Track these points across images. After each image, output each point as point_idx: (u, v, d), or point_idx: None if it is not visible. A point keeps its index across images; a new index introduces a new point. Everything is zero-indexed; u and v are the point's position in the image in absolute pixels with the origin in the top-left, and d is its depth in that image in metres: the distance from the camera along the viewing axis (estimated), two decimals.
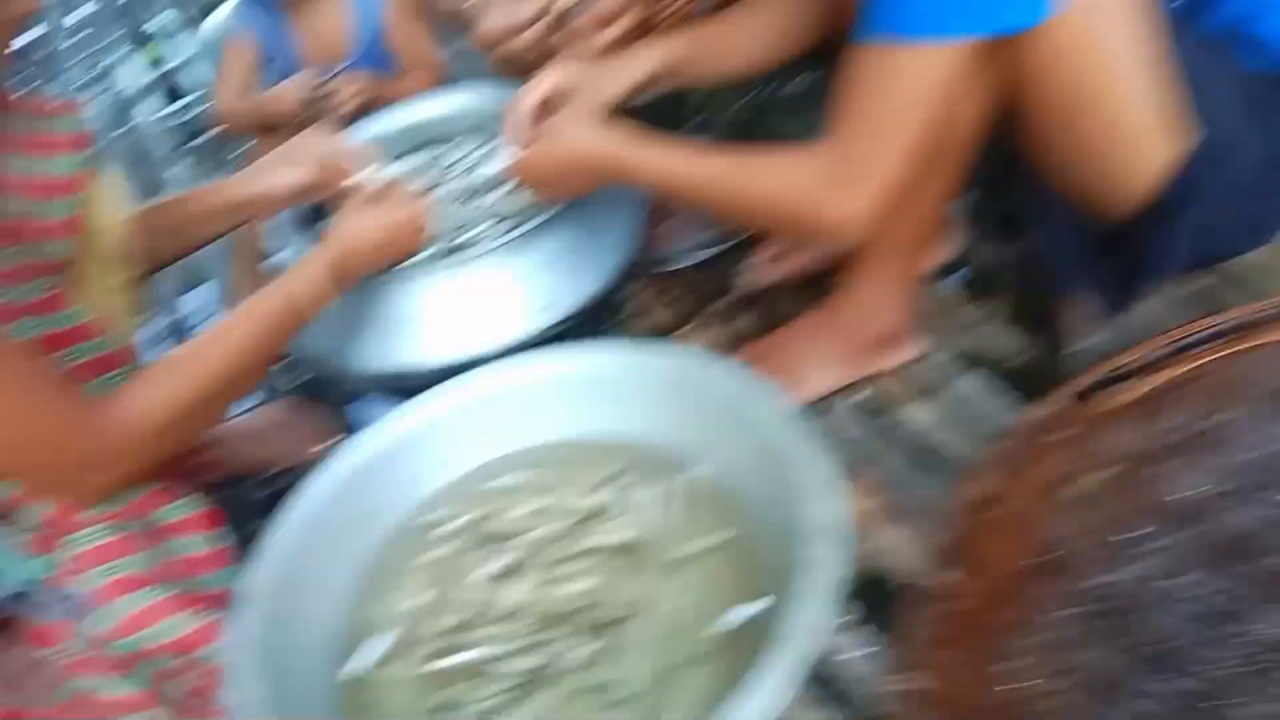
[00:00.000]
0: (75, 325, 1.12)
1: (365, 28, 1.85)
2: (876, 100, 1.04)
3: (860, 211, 1.07)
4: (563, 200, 1.38)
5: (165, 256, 1.38)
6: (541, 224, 1.40)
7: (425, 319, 1.39)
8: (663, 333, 1.63)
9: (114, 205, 1.22)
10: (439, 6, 1.88)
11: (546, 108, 1.36)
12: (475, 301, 1.39)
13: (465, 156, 1.68)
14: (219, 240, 1.47)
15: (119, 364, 1.17)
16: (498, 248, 1.39)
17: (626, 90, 1.40)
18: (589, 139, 1.26)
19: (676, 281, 1.69)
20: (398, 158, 1.68)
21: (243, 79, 1.87)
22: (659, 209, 1.60)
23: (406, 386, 1.24)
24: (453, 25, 1.89)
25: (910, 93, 1.02)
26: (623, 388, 1.15)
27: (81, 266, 1.17)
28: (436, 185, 1.61)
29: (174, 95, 2.89)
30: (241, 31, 1.85)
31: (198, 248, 1.52)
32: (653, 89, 1.45)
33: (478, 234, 1.49)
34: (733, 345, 1.56)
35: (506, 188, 1.53)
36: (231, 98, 1.87)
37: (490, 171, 1.60)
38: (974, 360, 1.43)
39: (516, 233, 1.39)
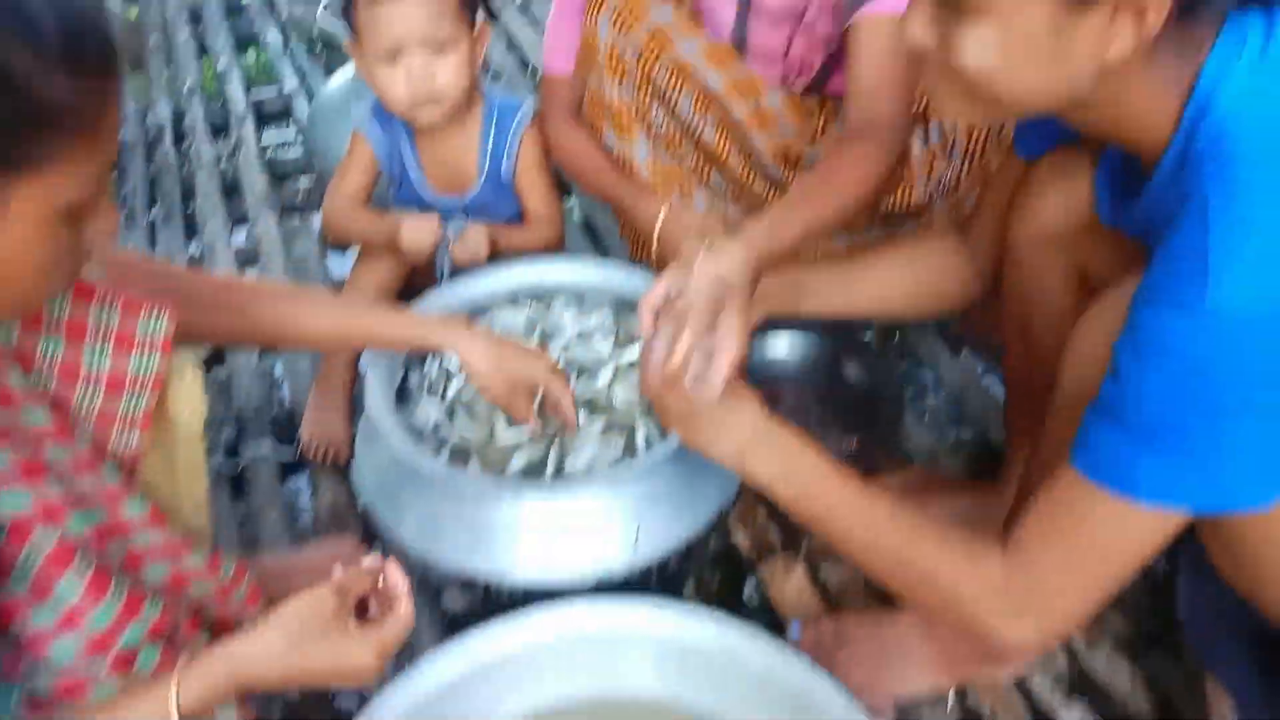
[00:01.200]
0: (140, 515, 1.06)
1: (493, 164, 1.76)
2: (1076, 541, 0.95)
3: (1036, 642, 0.98)
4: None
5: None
6: (651, 456, 1.32)
7: (517, 530, 1.31)
8: (742, 564, 1.54)
9: (189, 399, 1.17)
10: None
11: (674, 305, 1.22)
12: (570, 523, 1.31)
13: (574, 324, 1.61)
14: None
15: (184, 552, 1.11)
16: (602, 472, 1.32)
17: (763, 311, 1.34)
18: (748, 438, 1.13)
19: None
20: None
21: (362, 183, 1.78)
22: None
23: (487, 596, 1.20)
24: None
25: (1116, 546, 0.93)
26: (688, 658, 1.15)
27: (151, 457, 1.13)
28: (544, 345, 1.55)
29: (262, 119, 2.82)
30: (369, 132, 1.76)
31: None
32: (769, 308, 1.37)
33: (584, 436, 1.43)
34: (821, 601, 1.47)
35: (613, 372, 1.49)
36: (345, 199, 1.77)
37: (603, 350, 1.55)
38: (1079, 688, 1.33)
39: (624, 466, 1.31)
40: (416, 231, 1.67)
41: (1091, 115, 1.00)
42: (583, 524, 1.31)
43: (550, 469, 1.39)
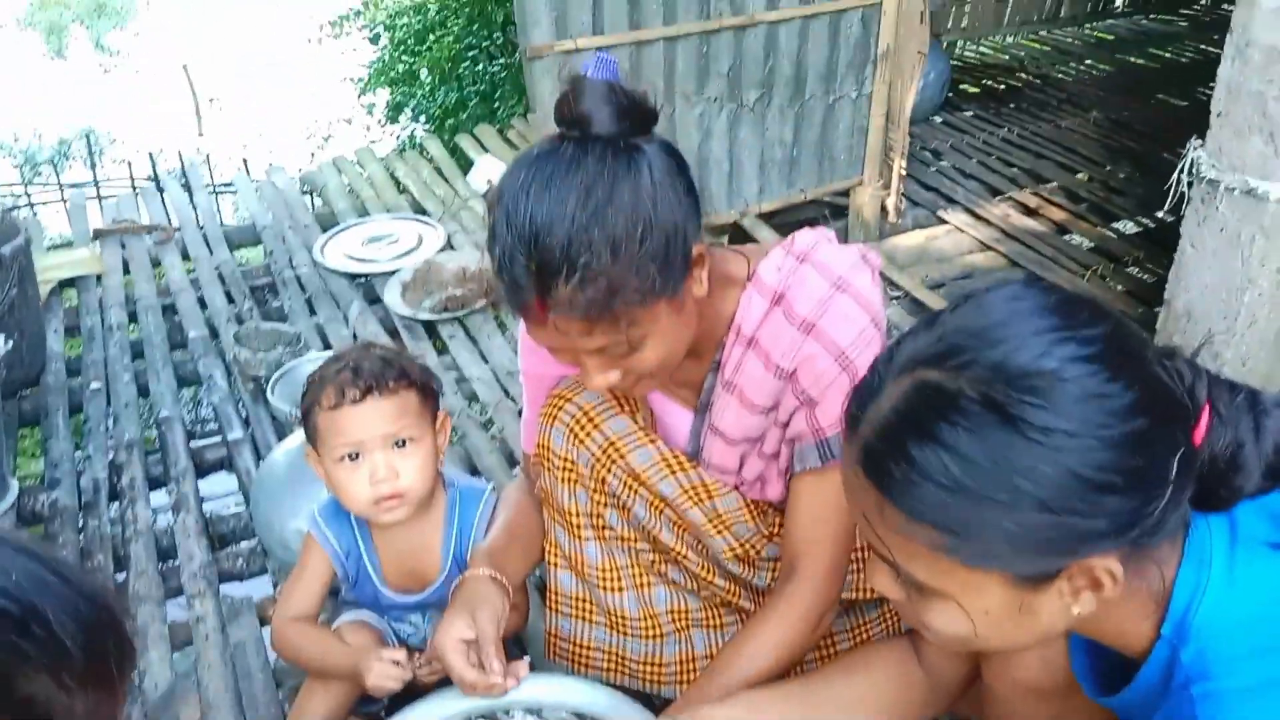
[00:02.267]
0: None
1: (457, 555, 1.72)
2: None
3: None
4: None
5: None
6: None
7: None
8: None
9: None
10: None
11: None
12: None
13: None
14: None
15: None
16: None
17: None
18: None
19: None
20: None
21: (317, 595, 1.70)
22: None
23: None
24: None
25: None
26: None
27: None
28: None
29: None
30: (323, 536, 1.71)
31: None
32: None
33: None
34: None
35: None
36: (298, 616, 1.67)
37: None
38: None
39: None
40: (384, 675, 1.56)
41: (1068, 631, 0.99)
42: None
43: None
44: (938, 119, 5.16)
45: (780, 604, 1.50)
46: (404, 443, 1.61)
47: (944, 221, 4.02)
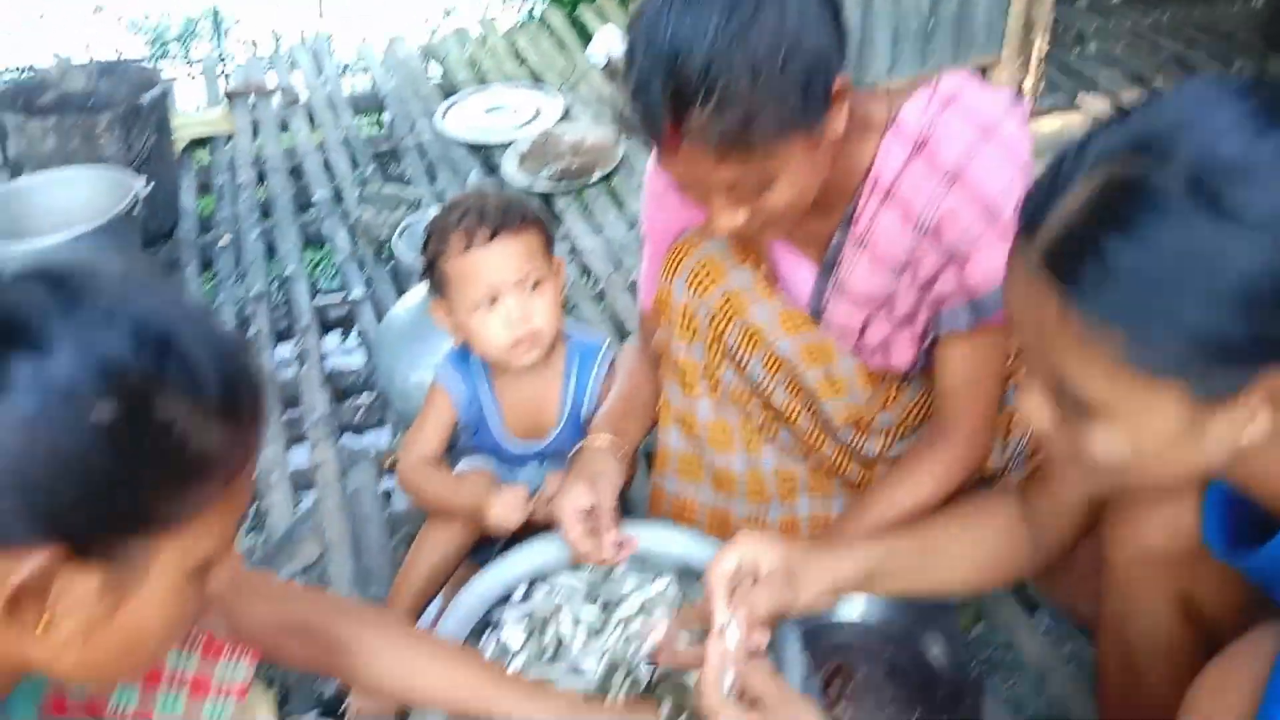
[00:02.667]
0: None
1: (573, 408, 1.74)
2: None
3: None
4: None
5: None
6: None
7: None
8: None
9: None
10: None
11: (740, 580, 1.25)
12: None
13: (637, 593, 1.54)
14: None
15: None
16: None
17: (824, 592, 1.29)
18: None
19: None
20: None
21: (440, 439, 1.75)
22: None
23: None
24: None
25: None
26: None
27: None
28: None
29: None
30: (449, 382, 1.74)
31: None
32: (842, 592, 1.32)
33: None
34: None
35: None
36: (422, 459, 1.72)
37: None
38: None
39: None
40: (507, 509, 1.60)
41: (1214, 475, 0.94)
42: None
43: None
44: (1082, 1, 4.86)
45: (924, 463, 1.48)
46: (536, 284, 1.63)
47: (1081, 108, 3.81)
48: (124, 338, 0.76)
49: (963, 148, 1.34)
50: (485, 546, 1.81)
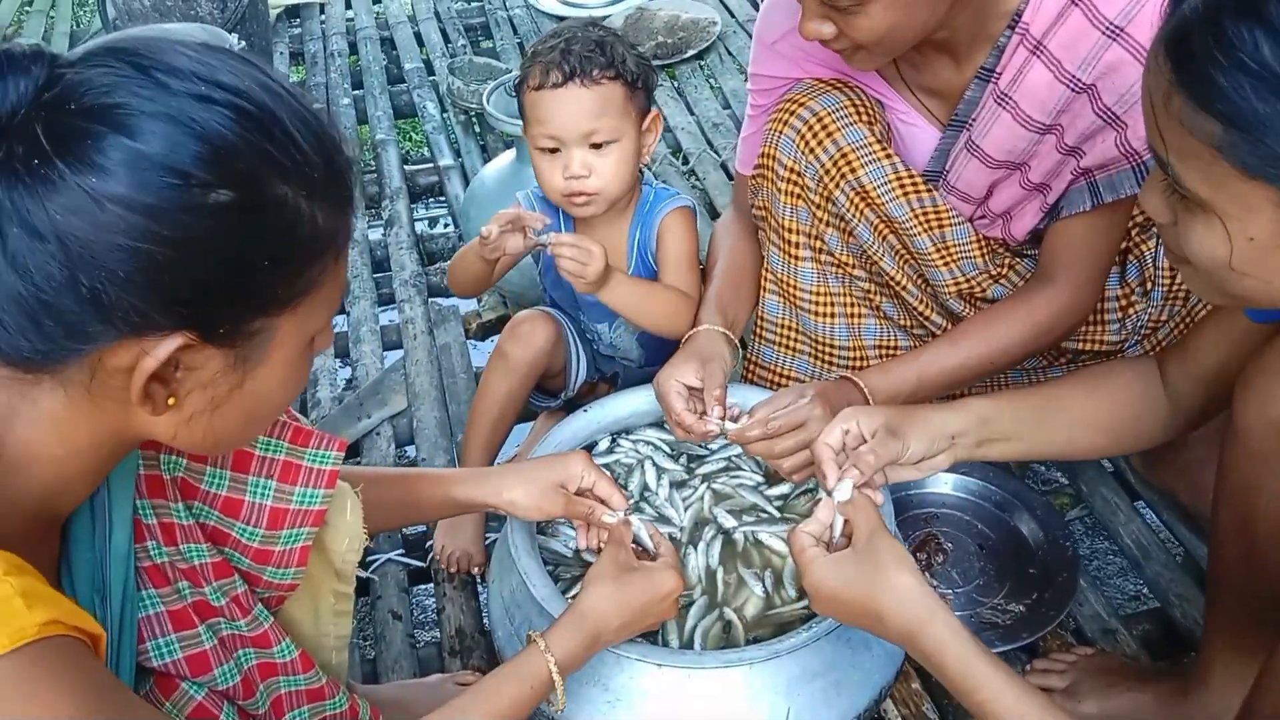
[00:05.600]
0: (287, 660, 1.05)
1: (640, 255, 1.70)
2: None
3: None
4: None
5: (377, 527, 1.26)
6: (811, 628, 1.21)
7: (656, 699, 1.22)
8: None
9: (349, 533, 1.12)
10: None
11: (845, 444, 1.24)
12: (712, 699, 1.22)
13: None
14: None
15: (326, 696, 1.09)
16: (754, 646, 1.22)
17: (934, 440, 1.25)
18: (911, 615, 1.05)
19: None
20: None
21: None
22: None
23: None
24: None
25: None
26: None
27: (303, 590, 1.08)
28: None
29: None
30: (529, 206, 1.71)
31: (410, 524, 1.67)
32: (956, 449, 1.28)
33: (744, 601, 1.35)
34: None
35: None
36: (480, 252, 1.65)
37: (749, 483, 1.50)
38: None
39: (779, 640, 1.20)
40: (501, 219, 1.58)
41: None
42: (727, 701, 1.21)
43: (700, 632, 1.29)
44: None
45: (1023, 304, 1.44)
46: (601, 144, 1.57)
47: None
48: (224, 116, 0.74)
49: None
50: (548, 395, 1.83)
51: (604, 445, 1.57)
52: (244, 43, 2.68)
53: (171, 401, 0.79)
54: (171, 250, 0.72)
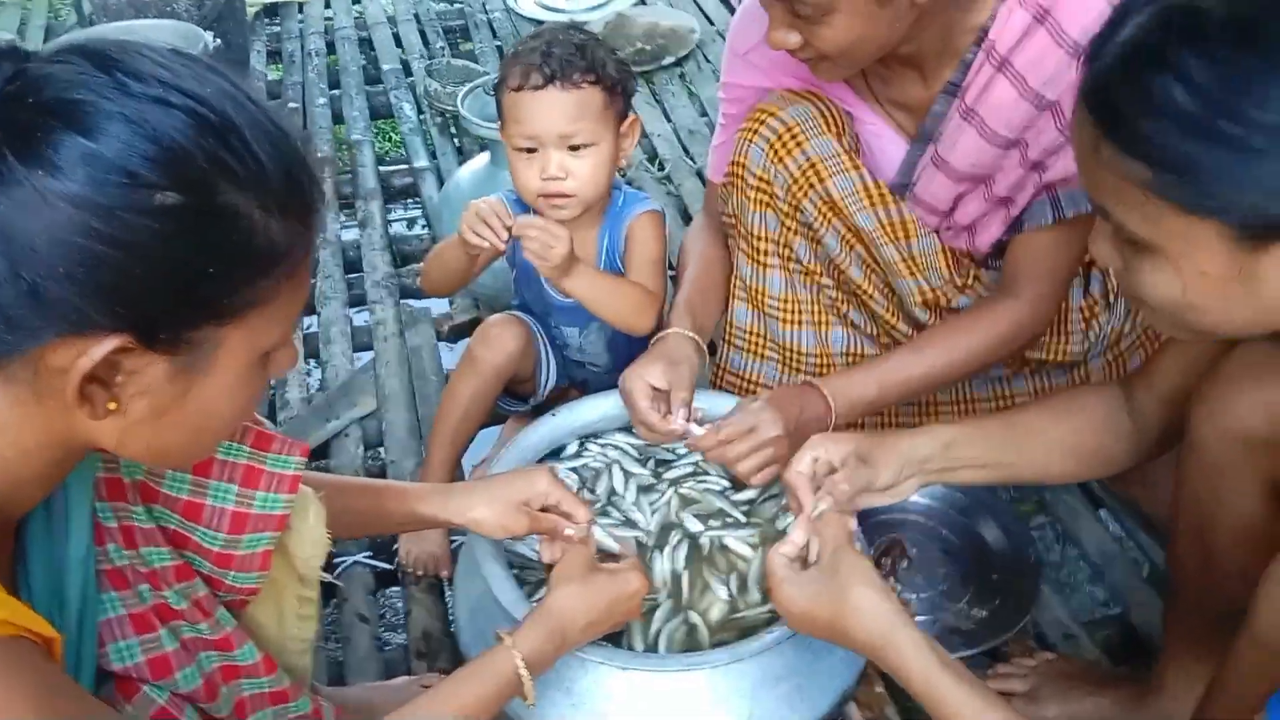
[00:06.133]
0: (250, 663, 1.05)
1: (608, 261, 1.71)
2: None
3: None
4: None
5: (339, 535, 1.26)
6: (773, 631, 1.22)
7: (619, 702, 1.23)
8: None
9: (311, 538, 1.12)
10: None
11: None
12: (676, 700, 1.23)
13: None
14: None
15: (290, 699, 1.10)
16: (716, 649, 1.23)
17: (902, 468, 1.27)
18: (875, 630, 1.07)
19: None
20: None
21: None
22: None
23: None
24: None
25: None
26: None
27: (266, 593, 1.08)
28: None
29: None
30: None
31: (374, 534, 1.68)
32: (925, 474, 1.30)
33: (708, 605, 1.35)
34: None
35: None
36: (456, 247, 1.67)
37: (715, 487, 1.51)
38: None
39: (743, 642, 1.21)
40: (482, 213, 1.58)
41: None
42: (690, 704, 1.21)
43: (665, 635, 1.30)
44: None
45: (990, 314, 1.46)
46: (579, 147, 1.58)
47: None
48: (181, 120, 0.74)
49: (1093, 18, 1.26)
50: (516, 400, 1.84)
51: (572, 449, 1.58)
52: (220, 40, 2.67)
53: (113, 406, 0.78)
54: (113, 249, 0.72)
